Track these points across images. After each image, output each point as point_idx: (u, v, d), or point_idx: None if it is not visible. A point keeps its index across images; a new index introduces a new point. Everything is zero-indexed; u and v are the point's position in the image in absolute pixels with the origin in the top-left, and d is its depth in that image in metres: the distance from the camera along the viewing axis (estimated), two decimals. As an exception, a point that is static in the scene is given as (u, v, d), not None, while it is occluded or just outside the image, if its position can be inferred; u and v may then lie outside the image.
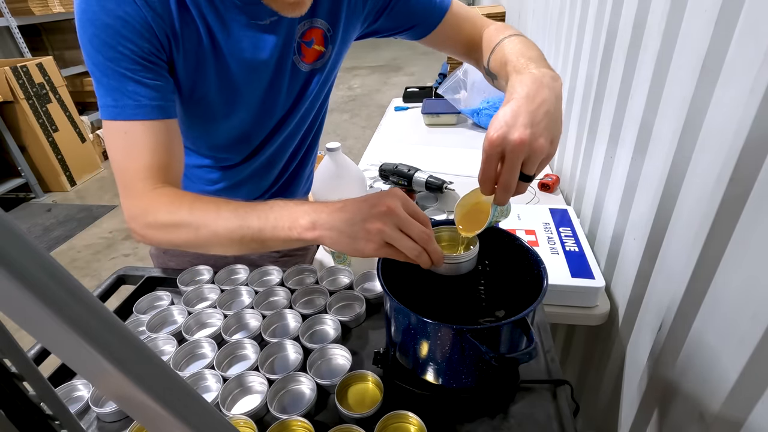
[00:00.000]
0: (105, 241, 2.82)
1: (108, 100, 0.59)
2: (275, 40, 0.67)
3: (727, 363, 0.57)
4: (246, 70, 0.67)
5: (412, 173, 1.13)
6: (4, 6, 3.44)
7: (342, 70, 0.82)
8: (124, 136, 0.59)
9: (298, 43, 0.70)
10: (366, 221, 0.49)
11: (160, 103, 0.60)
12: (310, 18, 0.70)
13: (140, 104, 0.59)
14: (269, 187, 0.92)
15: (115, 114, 0.59)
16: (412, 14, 0.73)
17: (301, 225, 0.51)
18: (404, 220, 0.49)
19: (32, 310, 0.18)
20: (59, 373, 0.68)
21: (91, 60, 0.58)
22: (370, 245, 0.49)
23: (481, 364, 0.54)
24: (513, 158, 0.48)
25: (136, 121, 0.59)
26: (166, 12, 0.59)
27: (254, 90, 0.71)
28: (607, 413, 1.00)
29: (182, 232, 0.56)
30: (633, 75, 0.85)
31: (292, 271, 0.84)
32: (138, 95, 0.58)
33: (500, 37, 0.66)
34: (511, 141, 0.47)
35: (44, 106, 3.30)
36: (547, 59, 0.59)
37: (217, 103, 0.70)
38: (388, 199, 0.49)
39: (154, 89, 0.59)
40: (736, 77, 0.57)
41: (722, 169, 0.58)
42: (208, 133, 0.74)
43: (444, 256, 0.54)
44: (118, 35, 0.56)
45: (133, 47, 0.57)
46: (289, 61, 0.70)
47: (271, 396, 0.60)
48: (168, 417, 0.22)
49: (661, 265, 0.76)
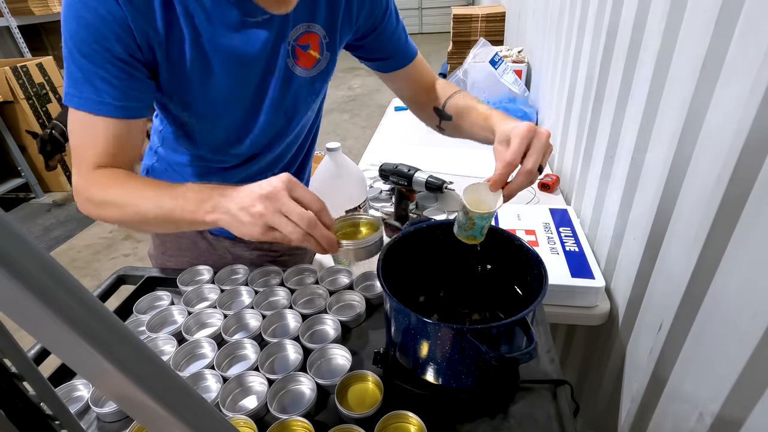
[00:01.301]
0: (105, 241, 2.82)
1: (73, 90, 0.61)
2: (266, 35, 0.67)
3: (727, 363, 0.57)
4: (235, 66, 0.67)
5: (412, 173, 1.13)
6: (4, 6, 3.44)
7: (342, 70, 0.84)
8: (81, 124, 0.62)
9: (293, 45, 0.70)
10: (251, 205, 0.50)
11: (122, 104, 0.62)
12: (307, 22, 0.70)
13: (103, 101, 0.60)
14: None
15: (78, 104, 0.61)
16: (389, 48, 0.80)
17: (203, 208, 0.54)
18: (285, 204, 0.50)
19: (32, 310, 0.18)
20: (59, 373, 0.68)
21: (67, 49, 0.60)
22: (256, 229, 0.51)
23: (481, 364, 0.54)
24: (540, 144, 0.58)
25: (95, 115, 0.61)
26: (149, 11, 0.59)
27: (244, 88, 0.71)
28: (607, 413, 1.00)
29: (112, 209, 0.60)
30: (633, 75, 0.85)
31: (292, 271, 0.84)
32: (103, 93, 0.60)
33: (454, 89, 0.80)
34: (540, 131, 0.59)
35: (44, 106, 3.30)
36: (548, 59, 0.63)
37: (207, 102, 0.69)
38: (272, 183, 0.51)
39: (121, 90, 0.61)
40: (736, 77, 0.57)
41: (722, 169, 0.58)
42: (199, 131, 0.74)
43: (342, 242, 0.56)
44: (96, 33, 0.58)
45: (109, 46, 0.58)
46: (281, 62, 0.70)
47: (271, 396, 0.60)
48: (168, 417, 0.22)
49: (661, 265, 0.76)
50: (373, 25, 0.76)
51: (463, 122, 0.75)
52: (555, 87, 1.50)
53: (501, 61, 1.87)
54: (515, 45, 2.31)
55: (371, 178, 1.33)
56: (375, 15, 0.75)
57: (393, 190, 1.24)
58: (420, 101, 0.86)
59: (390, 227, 1.13)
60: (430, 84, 0.84)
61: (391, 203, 1.24)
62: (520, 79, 1.93)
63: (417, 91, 0.85)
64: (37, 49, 3.89)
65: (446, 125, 0.81)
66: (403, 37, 0.81)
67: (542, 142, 0.58)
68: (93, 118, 0.60)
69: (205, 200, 0.55)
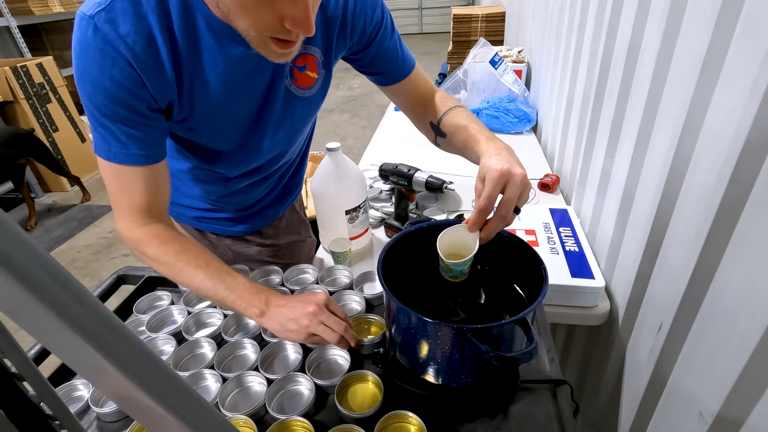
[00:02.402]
0: (105, 241, 2.82)
1: (101, 142, 0.63)
2: (267, 65, 0.69)
3: (727, 363, 0.57)
4: (239, 94, 0.69)
5: (412, 173, 1.13)
6: (4, 6, 3.44)
7: (342, 70, 0.84)
8: (113, 174, 0.66)
9: (291, 68, 0.72)
10: (298, 318, 0.62)
11: (148, 152, 0.65)
12: (304, 44, 0.71)
13: (129, 153, 0.64)
14: (262, 197, 0.94)
15: (107, 155, 0.64)
16: (384, 62, 0.80)
17: (252, 312, 0.64)
18: (327, 317, 0.63)
19: (32, 310, 0.18)
20: (59, 373, 0.68)
21: (88, 110, 0.62)
22: (300, 336, 0.62)
23: (481, 363, 0.54)
24: (514, 189, 0.58)
25: (125, 165, 0.64)
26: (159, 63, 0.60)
27: (248, 113, 0.73)
28: (607, 413, 1.00)
29: (164, 269, 0.67)
30: (633, 75, 0.85)
31: (292, 271, 0.84)
32: (128, 146, 0.63)
33: (451, 104, 0.81)
34: (515, 174, 0.59)
35: (44, 106, 3.30)
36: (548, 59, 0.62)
37: (212, 128, 0.71)
38: (314, 301, 0.63)
39: (144, 140, 0.64)
40: (736, 77, 0.57)
41: (722, 170, 0.58)
42: (203, 149, 0.76)
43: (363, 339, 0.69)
44: (114, 97, 0.60)
45: (128, 105, 0.61)
46: (281, 86, 0.72)
47: (270, 396, 0.60)
48: (168, 417, 0.22)
49: (661, 265, 0.76)
50: (367, 41, 0.76)
51: (456, 141, 0.76)
52: (555, 87, 1.50)
53: (501, 61, 1.87)
54: (515, 45, 2.31)
55: (371, 178, 1.33)
56: (369, 31, 0.75)
57: (393, 190, 1.24)
58: (418, 114, 0.86)
59: (390, 227, 1.13)
60: (429, 97, 0.84)
61: (391, 203, 1.24)
62: (520, 79, 1.93)
63: (415, 104, 0.85)
64: (37, 49, 3.89)
65: (441, 141, 0.82)
66: (398, 52, 0.80)
67: (516, 186, 0.58)
68: (123, 168, 0.65)
69: (255, 303, 0.64)
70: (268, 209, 0.97)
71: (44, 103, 3.30)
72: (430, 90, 0.85)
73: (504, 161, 0.60)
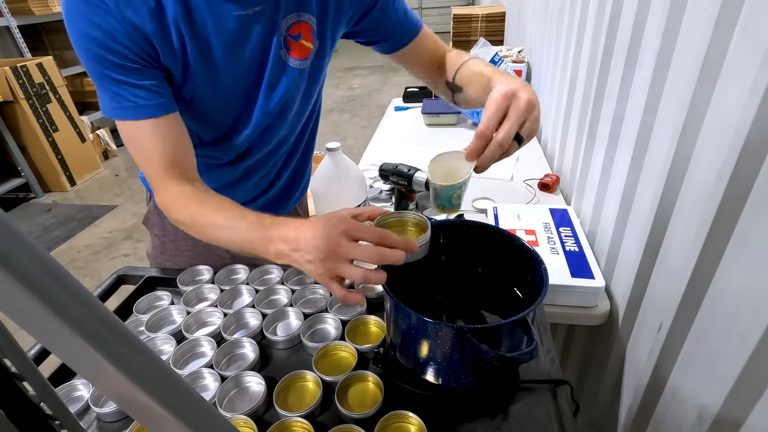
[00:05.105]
0: (105, 241, 2.82)
1: (111, 103, 0.63)
2: (259, 29, 0.67)
3: (727, 363, 0.57)
4: (232, 60, 0.68)
5: (412, 173, 1.13)
6: (4, 6, 3.44)
7: (342, 70, 0.83)
8: (133, 134, 0.65)
9: (285, 36, 0.70)
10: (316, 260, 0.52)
11: (158, 101, 0.64)
12: (297, 12, 0.70)
13: (139, 105, 0.63)
14: (262, 192, 0.92)
15: (120, 114, 0.63)
16: (389, 28, 0.78)
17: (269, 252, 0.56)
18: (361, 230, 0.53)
19: (32, 310, 0.18)
20: (59, 373, 0.68)
21: (88, 69, 0.62)
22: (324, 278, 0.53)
23: (481, 363, 0.54)
24: (517, 112, 0.54)
25: (140, 120, 0.63)
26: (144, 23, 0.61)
27: (240, 80, 0.71)
28: (607, 413, 1.00)
29: (194, 231, 0.65)
30: (633, 75, 0.85)
31: (292, 271, 0.84)
32: (136, 97, 0.63)
33: (465, 57, 0.75)
34: (520, 96, 0.54)
35: (44, 106, 3.30)
36: (548, 59, 0.61)
37: (206, 96, 0.70)
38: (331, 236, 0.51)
39: (150, 89, 0.63)
40: (736, 77, 0.57)
41: (722, 169, 0.58)
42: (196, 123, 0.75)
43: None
44: (107, 47, 0.60)
45: (123, 55, 0.61)
46: (273, 54, 0.70)
47: (268, 395, 0.60)
48: (168, 417, 0.22)
49: (661, 265, 0.76)
50: (368, 6, 0.74)
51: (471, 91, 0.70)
52: (555, 87, 1.50)
53: (501, 61, 1.87)
54: (515, 45, 2.31)
55: (371, 178, 1.33)
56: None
57: (393, 190, 1.24)
58: (432, 77, 0.81)
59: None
60: (441, 57, 0.80)
61: (391, 203, 1.24)
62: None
63: (427, 67, 0.81)
64: (37, 49, 3.88)
65: (458, 98, 0.76)
66: (401, 14, 0.77)
67: (519, 109, 0.54)
68: (139, 124, 0.63)
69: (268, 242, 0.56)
70: (269, 209, 0.97)
71: (44, 103, 3.30)
72: (442, 50, 0.81)
73: (512, 83, 0.55)
